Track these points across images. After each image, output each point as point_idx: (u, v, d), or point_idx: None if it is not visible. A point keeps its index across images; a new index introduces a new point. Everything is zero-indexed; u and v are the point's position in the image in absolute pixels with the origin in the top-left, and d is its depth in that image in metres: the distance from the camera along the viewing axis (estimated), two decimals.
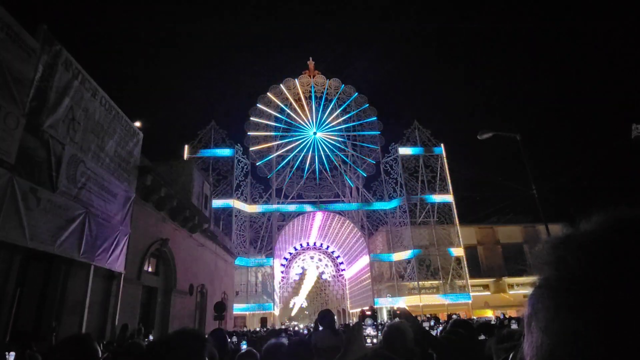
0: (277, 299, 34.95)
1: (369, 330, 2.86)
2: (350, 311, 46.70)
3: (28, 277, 9.05)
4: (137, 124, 13.83)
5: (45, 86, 8.55)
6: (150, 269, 15.02)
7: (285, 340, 3.27)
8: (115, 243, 11.14)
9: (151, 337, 10.73)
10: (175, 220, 16.41)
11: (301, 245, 51.54)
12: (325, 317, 4.56)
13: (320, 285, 66.30)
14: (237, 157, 34.10)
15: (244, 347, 7.80)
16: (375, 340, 2.65)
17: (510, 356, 1.77)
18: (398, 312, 2.76)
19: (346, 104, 38.85)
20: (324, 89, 39.19)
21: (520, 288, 32.05)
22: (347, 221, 36.33)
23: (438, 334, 4.80)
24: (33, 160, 8.13)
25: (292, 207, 35.10)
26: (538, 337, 0.45)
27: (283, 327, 31.23)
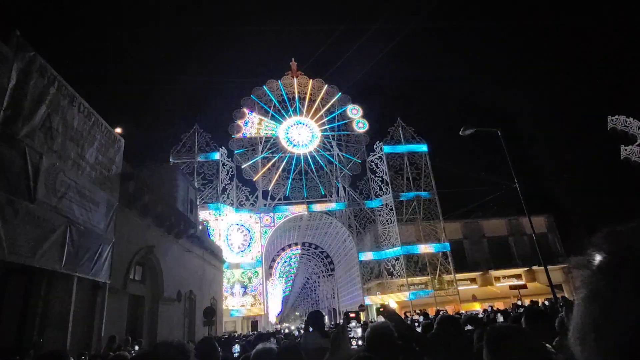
0: (267, 301, 34.77)
1: (354, 333, 2.87)
2: (341, 310, 46.82)
3: (8, 291, 8.80)
4: (118, 130, 13.58)
5: (20, 94, 8.30)
6: (136, 278, 14.77)
7: (274, 345, 3.26)
8: (99, 252, 10.91)
9: (137, 347, 10.55)
10: (161, 227, 16.18)
11: (289, 246, 51.48)
12: (314, 318, 4.57)
13: (310, 286, 66.35)
14: (222, 161, 33.78)
15: (236, 351, 7.68)
16: (360, 342, 2.66)
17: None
18: (381, 309, 2.77)
19: (330, 103, 38.90)
20: (307, 89, 39.17)
21: (506, 280, 32.66)
22: (335, 220, 36.38)
23: (421, 328, 4.86)
24: (9, 170, 7.89)
25: (279, 209, 34.97)
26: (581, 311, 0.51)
27: (275, 328, 31.15)
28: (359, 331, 2.82)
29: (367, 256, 33.73)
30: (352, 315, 3.03)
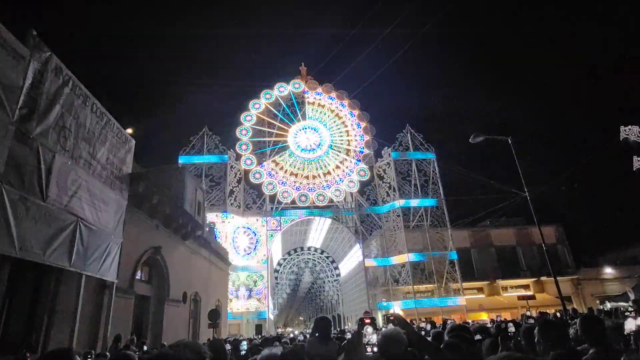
0: (271, 306, 34.69)
1: (369, 339, 2.83)
2: (346, 316, 46.53)
3: (17, 287, 8.88)
4: (129, 130, 13.72)
5: (35, 93, 8.42)
6: (142, 278, 14.84)
7: (279, 349, 3.23)
8: (107, 252, 10.97)
9: (145, 348, 10.56)
10: (168, 228, 16.25)
11: (295, 250, 51.43)
12: (320, 324, 4.46)
13: (315, 291, 66.08)
14: (230, 164, 33.94)
15: (243, 348, 7.57)
16: (375, 349, 2.62)
17: None
18: (392, 318, 2.73)
19: (338, 108, 38.91)
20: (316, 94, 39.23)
21: (513, 290, 32.23)
22: (341, 226, 36.27)
23: (432, 338, 4.80)
24: (22, 168, 7.98)
25: (285, 213, 34.97)
26: None
27: (279, 333, 31.02)
28: (374, 337, 2.78)
29: (373, 262, 33.53)
30: (367, 320, 2.99)
